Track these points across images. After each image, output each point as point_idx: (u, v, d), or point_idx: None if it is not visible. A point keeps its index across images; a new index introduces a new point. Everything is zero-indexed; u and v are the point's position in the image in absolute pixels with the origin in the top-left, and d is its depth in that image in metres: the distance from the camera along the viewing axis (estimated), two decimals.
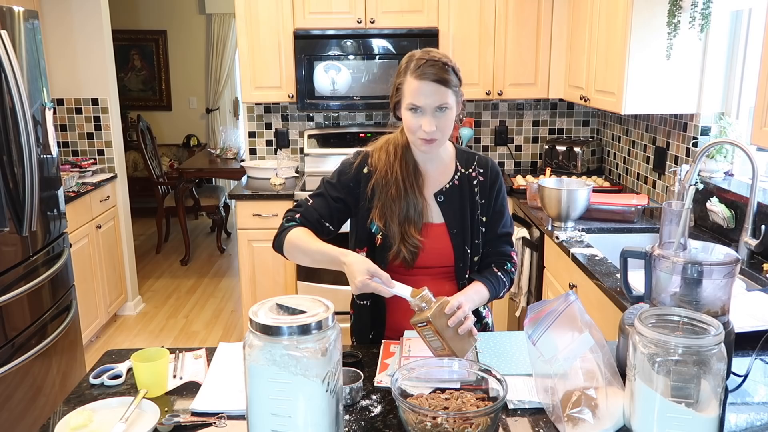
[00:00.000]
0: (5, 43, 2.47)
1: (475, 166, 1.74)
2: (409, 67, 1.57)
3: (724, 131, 2.65)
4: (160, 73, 7.25)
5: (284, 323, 1.05)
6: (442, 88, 1.54)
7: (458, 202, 1.70)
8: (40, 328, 2.78)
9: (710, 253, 1.38)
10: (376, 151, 1.71)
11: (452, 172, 1.72)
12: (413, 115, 1.56)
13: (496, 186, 1.74)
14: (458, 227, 1.69)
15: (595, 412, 1.23)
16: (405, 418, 1.20)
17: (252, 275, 3.65)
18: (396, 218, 1.64)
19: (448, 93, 1.55)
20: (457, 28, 3.64)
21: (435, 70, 1.54)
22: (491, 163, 1.76)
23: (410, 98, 1.56)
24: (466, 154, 1.76)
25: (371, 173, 1.69)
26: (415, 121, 1.56)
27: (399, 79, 1.60)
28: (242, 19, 3.63)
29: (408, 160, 1.68)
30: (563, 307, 1.29)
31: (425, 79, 1.53)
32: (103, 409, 1.34)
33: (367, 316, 1.75)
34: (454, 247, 1.69)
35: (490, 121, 4.11)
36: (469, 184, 1.72)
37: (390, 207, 1.65)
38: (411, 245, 1.63)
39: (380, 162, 1.68)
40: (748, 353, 1.52)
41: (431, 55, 1.57)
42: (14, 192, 2.58)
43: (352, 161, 1.72)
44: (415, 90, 1.54)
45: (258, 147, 4.13)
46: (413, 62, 1.57)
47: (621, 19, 2.78)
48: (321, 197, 1.72)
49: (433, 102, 1.54)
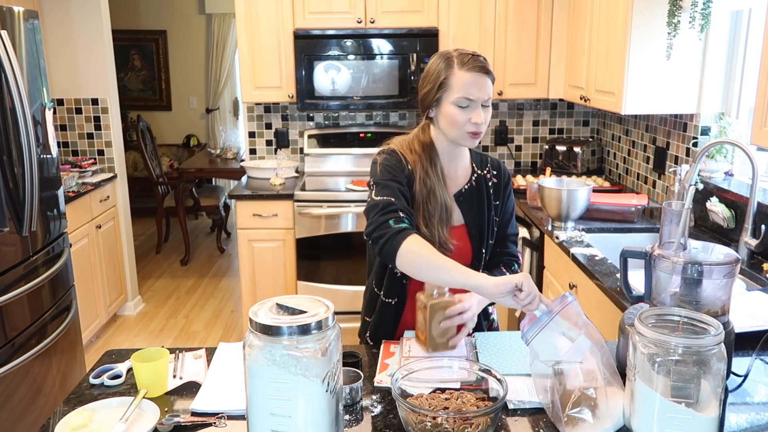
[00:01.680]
0: (5, 43, 2.47)
1: (489, 167, 1.76)
2: (454, 62, 1.57)
3: (724, 131, 2.65)
4: (160, 73, 7.25)
5: (284, 323, 1.05)
6: (489, 81, 1.58)
7: (476, 203, 1.71)
8: (40, 328, 2.78)
9: (710, 253, 1.38)
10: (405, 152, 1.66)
11: (470, 173, 1.73)
12: (461, 109, 1.57)
13: (509, 188, 1.77)
14: (477, 228, 1.70)
15: (595, 412, 1.23)
16: (405, 418, 1.20)
17: (252, 275, 3.65)
18: (435, 220, 1.63)
19: (492, 87, 1.60)
20: (457, 28, 3.64)
21: (481, 63, 1.57)
22: (503, 165, 1.79)
23: (462, 91, 1.55)
24: (479, 156, 1.78)
25: (414, 173, 1.64)
26: (464, 115, 1.57)
27: (444, 73, 1.57)
28: (242, 19, 3.63)
29: (435, 160, 1.66)
30: (559, 308, 1.29)
31: (476, 71, 1.55)
32: (103, 409, 1.34)
33: (392, 314, 1.73)
34: (473, 247, 1.70)
35: (490, 121, 4.10)
36: (485, 185, 1.73)
37: (428, 209, 1.63)
38: (446, 249, 1.62)
39: (416, 164, 1.65)
40: (748, 353, 1.52)
41: (469, 50, 1.60)
42: (14, 192, 2.58)
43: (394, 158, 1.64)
44: (468, 82, 1.55)
45: (258, 147, 4.13)
46: (456, 57, 1.57)
47: (621, 19, 2.78)
48: (398, 194, 1.57)
49: (484, 94, 1.57)
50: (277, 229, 3.61)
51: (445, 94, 1.58)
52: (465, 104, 1.56)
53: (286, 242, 3.61)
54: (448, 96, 1.57)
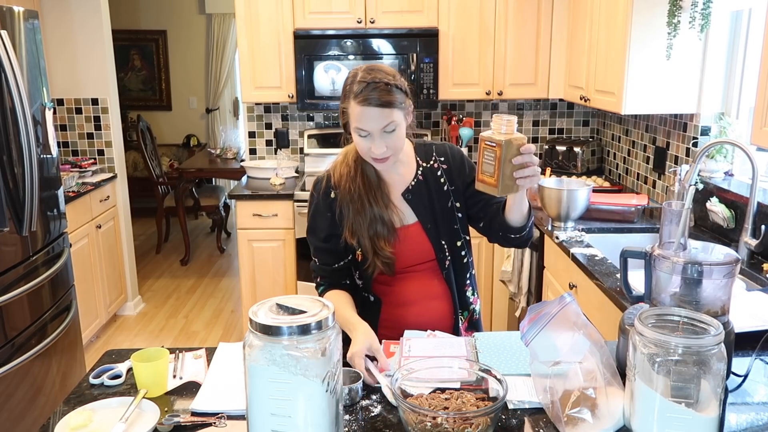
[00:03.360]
0: (5, 43, 2.47)
1: (435, 156, 1.74)
2: (351, 91, 1.54)
3: (724, 131, 2.65)
4: (160, 73, 7.25)
5: (284, 323, 1.05)
6: (386, 110, 1.52)
7: (426, 196, 1.71)
8: (40, 328, 2.78)
9: (710, 253, 1.38)
10: (337, 167, 1.71)
11: (414, 169, 1.73)
12: (362, 138, 1.56)
13: (465, 168, 1.74)
14: (431, 221, 1.71)
15: (595, 412, 1.23)
16: (405, 418, 1.20)
17: (252, 275, 3.65)
18: (365, 233, 1.65)
19: (394, 112, 1.53)
20: (457, 28, 3.64)
21: (377, 94, 1.51)
22: (450, 148, 1.76)
23: (355, 123, 1.55)
24: (424, 147, 1.76)
25: (337, 195, 1.69)
26: (365, 144, 1.57)
27: (343, 103, 1.58)
28: (242, 19, 3.63)
29: (368, 172, 1.68)
30: (557, 309, 1.29)
31: (369, 105, 1.51)
32: (103, 409, 1.34)
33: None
34: (432, 241, 1.71)
35: (490, 121, 4.10)
36: (433, 176, 1.73)
37: (358, 223, 1.66)
38: (384, 257, 1.66)
39: (342, 178, 1.69)
40: (748, 353, 1.52)
41: (373, 75, 1.53)
42: (14, 192, 2.58)
43: (317, 192, 1.72)
44: (359, 115, 1.53)
45: (258, 147, 4.13)
46: (356, 85, 1.53)
47: (621, 19, 2.78)
48: (320, 252, 1.74)
49: (378, 125, 1.52)
50: (277, 229, 3.61)
51: (348, 119, 1.59)
52: (364, 134, 1.55)
53: (286, 242, 3.61)
54: (350, 124, 1.58)
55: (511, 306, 3.47)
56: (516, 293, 3.23)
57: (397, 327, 1.70)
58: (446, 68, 3.67)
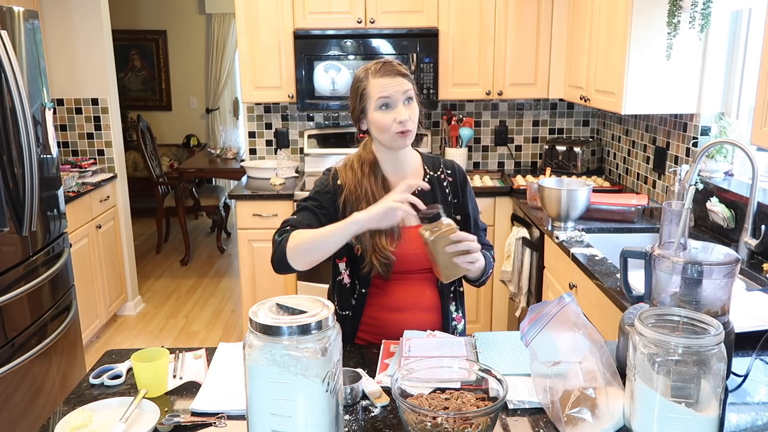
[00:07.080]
0: (5, 43, 2.47)
1: (443, 168, 1.80)
2: (369, 74, 1.64)
3: (724, 131, 2.65)
4: (160, 73, 7.25)
5: (284, 323, 1.05)
6: (404, 80, 1.63)
7: (431, 201, 1.71)
8: (40, 328, 2.78)
9: (710, 253, 1.38)
10: (342, 170, 1.74)
11: (421, 176, 1.76)
12: (384, 111, 1.61)
13: (466, 186, 1.82)
14: None
15: (595, 412, 1.23)
16: (405, 418, 1.20)
17: (252, 275, 3.65)
18: (367, 232, 1.64)
19: (411, 84, 1.64)
20: (457, 28, 3.64)
21: (393, 67, 1.63)
22: (457, 165, 1.83)
23: (378, 93, 1.60)
24: (431, 158, 1.82)
25: (342, 188, 1.71)
26: (388, 117, 1.61)
27: (361, 85, 1.65)
28: (242, 19, 3.63)
29: (377, 174, 1.71)
30: (556, 310, 1.29)
31: (388, 75, 1.61)
32: (103, 409, 1.34)
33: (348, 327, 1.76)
34: None
35: (490, 121, 4.11)
36: (440, 185, 1.77)
37: None
38: (383, 257, 1.66)
39: (348, 179, 1.71)
40: (748, 353, 1.52)
41: (385, 59, 1.69)
42: (14, 192, 2.58)
43: (326, 176, 1.75)
44: (381, 85, 1.61)
45: (258, 147, 4.13)
46: (372, 67, 1.65)
47: (621, 19, 2.78)
48: (306, 210, 1.71)
49: (401, 89, 1.61)
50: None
51: (367, 103, 1.64)
52: (385, 106, 1.61)
53: None
54: (369, 104, 1.63)
55: (511, 306, 3.47)
56: (516, 293, 3.24)
57: (379, 331, 1.71)
58: (446, 68, 3.67)
